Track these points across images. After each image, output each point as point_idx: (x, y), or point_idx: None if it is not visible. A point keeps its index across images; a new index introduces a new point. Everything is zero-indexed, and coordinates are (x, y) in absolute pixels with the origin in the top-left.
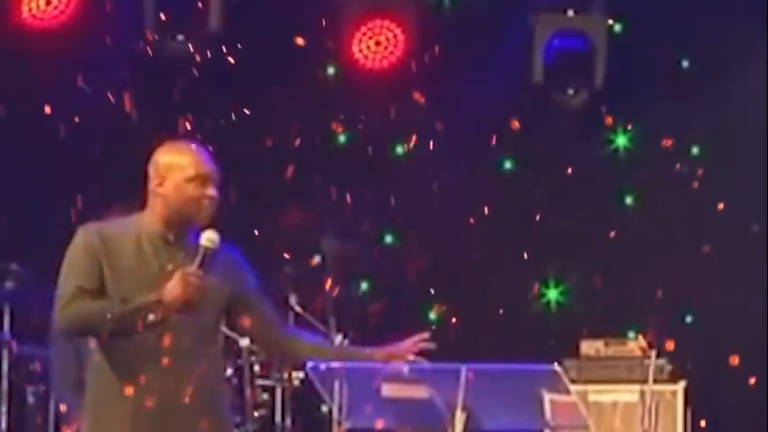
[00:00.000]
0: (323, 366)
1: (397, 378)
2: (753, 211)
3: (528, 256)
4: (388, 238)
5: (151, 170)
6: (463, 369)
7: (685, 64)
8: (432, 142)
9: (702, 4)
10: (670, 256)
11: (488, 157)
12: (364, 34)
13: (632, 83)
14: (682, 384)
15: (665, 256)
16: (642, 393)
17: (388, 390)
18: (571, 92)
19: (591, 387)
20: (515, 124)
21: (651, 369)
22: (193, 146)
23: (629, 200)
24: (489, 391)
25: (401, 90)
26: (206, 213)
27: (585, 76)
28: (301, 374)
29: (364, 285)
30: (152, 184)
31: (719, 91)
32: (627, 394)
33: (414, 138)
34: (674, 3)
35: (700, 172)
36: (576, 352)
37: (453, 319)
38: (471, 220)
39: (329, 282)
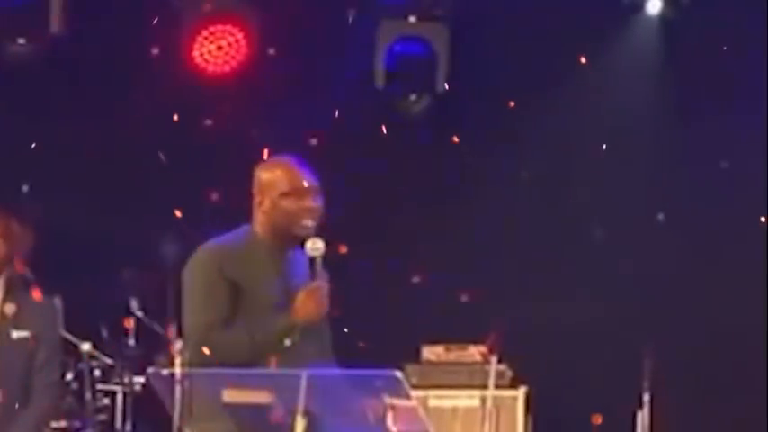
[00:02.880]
0: (164, 371)
1: (238, 383)
2: (596, 217)
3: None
4: None
5: (254, 188)
6: (304, 374)
7: (525, 71)
8: (275, 145)
9: (544, 10)
10: (515, 264)
11: (330, 161)
12: (205, 38)
13: (474, 88)
14: (522, 390)
15: (509, 264)
16: (483, 399)
17: (229, 395)
18: (413, 97)
19: (432, 392)
20: None
21: (492, 374)
22: (291, 160)
23: (477, 202)
24: (330, 396)
25: (243, 94)
26: (305, 226)
27: (427, 82)
28: (142, 379)
29: None
30: (255, 201)
31: (561, 96)
32: (467, 399)
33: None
34: (514, 8)
35: (544, 174)
36: (417, 357)
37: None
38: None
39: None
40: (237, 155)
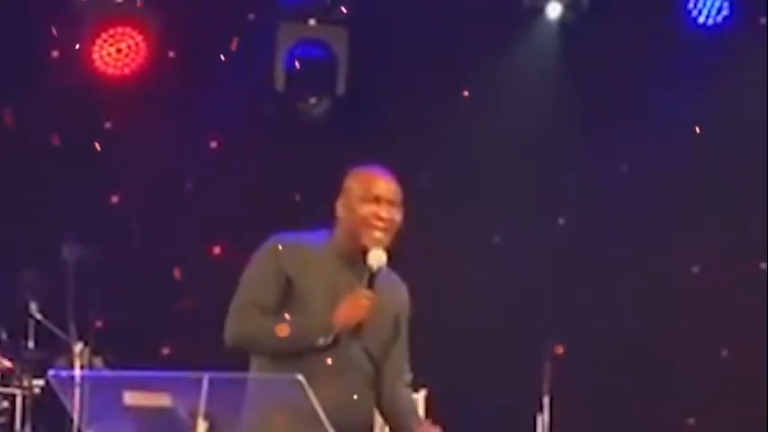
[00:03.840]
0: (64, 374)
1: (139, 386)
2: (493, 222)
3: None
4: (133, 245)
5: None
6: (205, 377)
7: (427, 74)
8: (175, 148)
9: (446, 13)
10: (410, 265)
11: (231, 164)
12: (105, 41)
13: (374, 92)
14: (423, 393)
15: (406, 265)
16: None
17: (130, 398)
18: (313, 100)
19: None
20: None
21: None
22: (376, 170)
23: None
24: (232, 399)
25: (143, 97)
26: (375, 236)
27: (328, 85)
28: (42, 382)
29: (107, 293)
30: (338, 205)
31: (462, 98)
32: None
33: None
34: (414, 11)
35: (444, 180)
36: None
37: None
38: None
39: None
40: (137, 157)
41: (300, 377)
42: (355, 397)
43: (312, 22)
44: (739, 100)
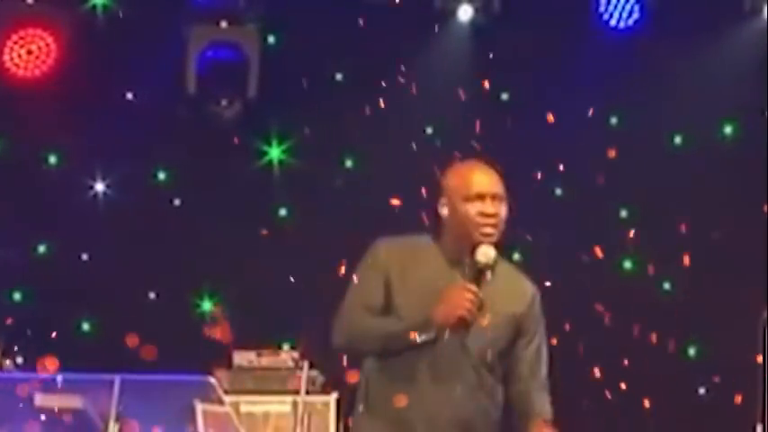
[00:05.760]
0: None
1: (50, 388)
2: (405, 225)
3: (183, 266)
4: (42, 248)
5: (441, 192)
6: (117, 379)
7: (339, 77)
8: (87, 150)
9: (357, 17)
10: (324, 268)
11: (144, 167)
12: (15, 42)
13: (285, 95)
14: (334, 396)
15: (319, 268)
16: (294, 404)
17: (41, 399)
18: (225, 103)
19: (243, 398)
20: None
21: (303, 380)
22: (477, 165)
23: (283, 211)
24: (143, 400)
25: (54, 99)
26: (486, 232)
27: (239, 88)
28: None
29: (17, 295)
30: (439, 205)
31: (372, 103)
32: (279, 405)
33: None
34: (327, 13)
35: (354, 183)
36: (228, 362)
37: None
38: (129, 231)
39: None
40: (48, 160)
41: (211, 378)
42: (456, 395)
43: (224, 24)
44: (651, 103)
